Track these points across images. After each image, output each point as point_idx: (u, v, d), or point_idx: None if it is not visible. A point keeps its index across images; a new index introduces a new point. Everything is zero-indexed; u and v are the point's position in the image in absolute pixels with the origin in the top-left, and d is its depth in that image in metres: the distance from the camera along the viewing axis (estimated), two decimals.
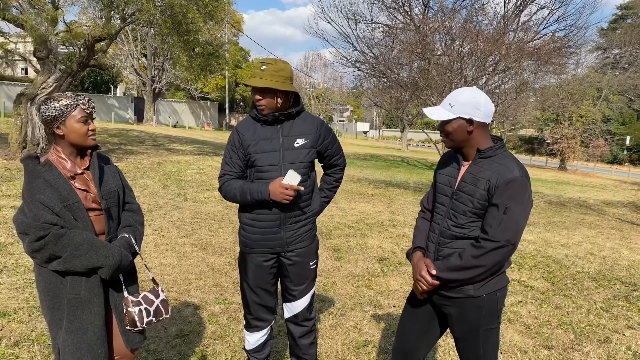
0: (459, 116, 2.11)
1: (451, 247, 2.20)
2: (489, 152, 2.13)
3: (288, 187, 2.50)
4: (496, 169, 2.07)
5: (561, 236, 8.69)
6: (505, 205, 2.02)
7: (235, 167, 2.68)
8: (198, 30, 13.78)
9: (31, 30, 10.35)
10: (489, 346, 2.24)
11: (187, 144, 19.82)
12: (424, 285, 2.22)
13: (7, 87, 29.57)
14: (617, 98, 43.15)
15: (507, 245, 2.03)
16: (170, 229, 6.96)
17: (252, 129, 2.66)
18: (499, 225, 2.02)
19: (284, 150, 2.63)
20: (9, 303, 3.99)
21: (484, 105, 2.11)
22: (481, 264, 2.07)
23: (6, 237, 5.70)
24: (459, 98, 2.12)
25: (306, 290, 2.86)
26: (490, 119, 2.15)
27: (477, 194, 2.09)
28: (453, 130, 2.15)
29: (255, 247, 2.71)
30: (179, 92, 47.89)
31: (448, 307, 2.25)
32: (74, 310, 2.14)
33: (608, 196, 18.10)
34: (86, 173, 2.25)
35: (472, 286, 2.15)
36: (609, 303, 5.14)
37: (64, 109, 2.13)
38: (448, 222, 2.22)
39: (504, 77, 19.40)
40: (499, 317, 2.23)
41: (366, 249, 6.76)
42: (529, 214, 2.09)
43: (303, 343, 2.94)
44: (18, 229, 2.08)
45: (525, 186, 2.04)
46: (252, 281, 2.77)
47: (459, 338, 2.29)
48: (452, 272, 2.13)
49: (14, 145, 10.74)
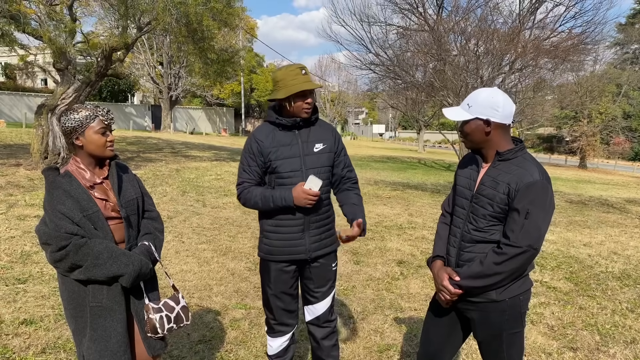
0: (476, 117, 2.10)
1: (472, 251, 2.17)
2: (508, 154, 2.10)
3: (310, 192, 2.52)
4: (516, 172, 2.03)
5: (583, 235, 8.56)
6: (526, 209, 1.98)
7: (253, 175, 2.69)
8: (213, 38, 13.88)
9: (50, 42, 10.53)
10: (513, 351, 2.20)
11: (205, 150, 19.97)
12: (447, 295, 2.20)
13: (28, 99, 30.18)
14: (638, 94, 42.40)
15: (529, 251, 2.00)
16: (190, 235, 7.02)
17: (271, 135, 2.67)
18: (521, 231, 1.99)
19: (304, 155, 2.66)
20: (35, 311, 4.06)
21: (502, 105, 2.07)
22: (503, 270, 2.04)
23: (31, 246, 5.80)
24: (477, 98, 2.10)
25: (328, 291, 2.87)
26: (510, 120, 2.12)
27: (497, 198, 2.06)
28: (471, 131, 2.14)
29: (279, 254, 2.71)
30: (195, 99, 48.35)
31: (471, 311, 2.23)
32: (97, 318, 2.17)
33: (630, 194, 17.78)
34: (105, 182, 2.28)
35: (495, 290, 2.12)
36: (635, 303, 5.05)
37: (83, 120, 2.17)
38: (468, 225, 2.19)
39: (521, 75, 19.19)
40: (522, 320, 2.19)
41: (385, 252, 6.73)
42: (551, 218, 2.05)
43: (326, 345, 2.94)
44: (40, 239, 2.12)
45: (546, 189, 2.01)
46: (275, 287, 2.77)
47: (483, 342, 2.26)
48: (474, 279, 2.10)
49: (36, 155, 10.93)
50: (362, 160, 26.64)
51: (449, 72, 17.63)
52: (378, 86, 29.70)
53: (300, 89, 2.54)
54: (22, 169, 10.63)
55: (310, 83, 2.60)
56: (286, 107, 2.64)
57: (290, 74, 2.58)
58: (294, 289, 2.83)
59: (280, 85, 2.59)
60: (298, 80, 2.56)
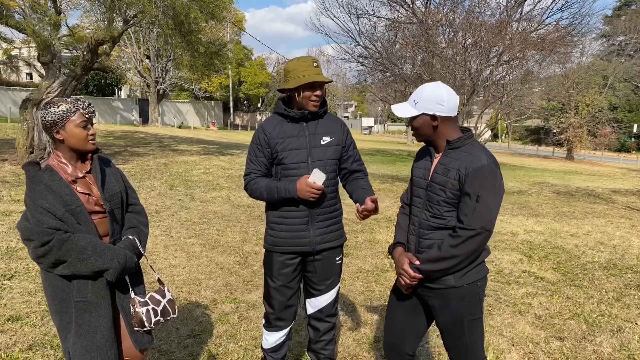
0: (422, 112, 2.18)
1: (431, 238, 2.24)
2: (457, 142, 2.18)
3: (314, 185, 2.53)
4: (465, 158, 2.12)
5: (570, 226, 8.64)
6: (477, 193, 2.06)
7: (260, 166, 2.71)
8: (200, 30, 13.78)
9: (34, 35, 10.39)
10: (474, 337, 2.26)
11: (193, 144, 19.86)
12: (407, 279, 2.25)
13: (13, 93, 29.77)
14: (623, 85, 42.78)
15: (483, 232, 2.07)
16: (179, 230, 6.98)
17: (279, 126, 2.68)
18: (473, 213, 2.07)
19: (311, 147, 2.67)
20: (21, 307, 4.01)
21: (447, 99, 2.15)
22: (459, 252, 2.11)
23: (16, 242, 5.74)
24: (422, 94, 2.18)
25: (332, 285, 2.88)
26: (455, 112, 2.20)
27: (449, 184, 2.14)
28: (419, 126, 2.23)
29: (284, 245, 2.72)
30: (183, 92, 48.02)
31: (431, 298, 2.28)
32: (82, 314, 2.15)
33: (616, 185, 17.97)
34: (88, 176, 2.25)
35: (453, 276, 2.19)
36: (621, 292, 5.11)
37: (64, 114, 2.13)
38: (426, 213, 2.27)
39: (509, 67, 19.26)
40: (481, 307, 2.26)
41: (374, 244, 6.75)
42: (501, 200, 2.14)
43: (325, 339, 2.96)
44: (22, 235, 2.09)
45: (494, 173, 2.09)
46: (277, 279, 2.78)
47: (444, 330, 2.31)
48: (433, 263, 2.17)
49: (21, 150, 10.80)
50: None
51: (437, 65, 17.66)
52: (367, 79, 29.72)
53: (310, 80, 2.55)
54: (7, 164, 10.51)
55: (321, 76, 2.61)
56: (295, 99, 2.65)
57: (302, 65, 2.59)
58: (296, 284, 2.83)
59: (291, 76, 2.60)
60: (309, 72, 2.57)
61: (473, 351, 2.27)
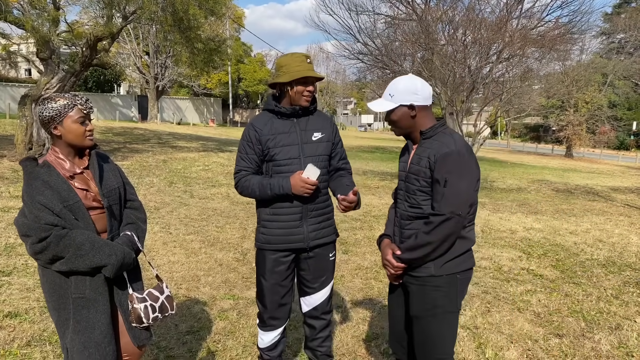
0: (400, 104, 2.23)
1: (411, 228, 2.28)
2: (429, 132, 2.24)
3: (308, 181, 2.52)
4: (434, 146, 2.18)
5: (569, 224, 8.64)
6: (444, 178, 2.11)
7: (251, 163, 2.69)
8: (199, 27, 13.75)
9: (33, 31, 10.36)
10: (444, 330, 2.27)
11: (192, 141, 19.84)
12: (391, 269, 2.31)
13: (12, 89, 29.71)
14: (623, 83, 42.74)
15: (453, 217, 2.10)
16: (178, 226, 6.97)
17: (269, 123, 2.67)
18: (442, 199, 2.12)
19: (303, 143, 2.67)
20: (20, 304, 4.01)
21: (421, 89, 2.22)
22: (433, 239, 2.14)
23: (15, 238, 5.73)
24: (397, 87, 2.24)
25: (326, 282, 2.87)
26: (430, 100, 2.27)
27: (421, 172, 2.20)
28: (398, 118, 2.27)
29: (277, 242, 2.70)
30: (182, 89, 47.94)
31: (411, 285, 2.32)
32: (80, 310, 2.14)
33: (615, 182, 17.98)
34: (86, 172, 2.24)
35: (433, 265, 2.22)
36: (619, 290, 5.11)
37: (61, 110, 2.12)
38: (405, 204, 2.32)
39: (508, 65, 19.24)
40: (457, 302, 2.27)
41: (373, 241, 6.75)
42: (473, 184, 2.16)
43: (321, 336, 2.95)
44: (20, 231, 2.08)
45: (461, 157, 2.12)
46: (270, 278, 2.76)
47: (415, 317, 2.32)
48: (411, 251, 2.21)
49: (20, 146, 10.78)
50: (350, 150, 26.66)
51: (437, 62, 17.64)
52: (366, 76, 29.63)
53: (304, 75, 2.55)
54: (5, 160, 10.49)
55: (314, 72, 2.62)
56: (286, 96, 2.64)
57: (295, 60, 2.60)
58: (289, 282, 2.81)
59: (284, 71, 2.59)
60: (302, 67, 2.57)
61: (441, 346, 2.27)
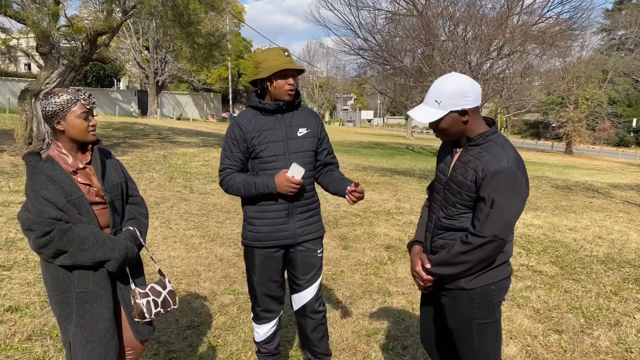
0: (450, 111, 1.99)
1: (444, 238, 2.15)
2: (479, 139, 2.03)
3: (293, 180, 2.50)
4: (484, 159, 1.97)
5: (569, 220, 8.65)
6: (491, 198, 1.92)
7: (236, 161, 2.67)
8: (200, 22, 13.71)
9: (33, 25, 10.33)
10: (484, 341, 2.16)
11: (192, 136, 19.83)
12: (420, 281, 2.21)
13: (11, 83, 29.68)
14: (623, 80, 42.71)
15: (495, 241, 1.95)
16: (178, 222, 6.98)
17: (254, 120, 2.65)
18: (486, 220, 1.94)
19: (288, 139, 2.64)
20: (20, 298, 4.02)
21: (471, 90, 1.99)
22: (469, 259, 2.00)
23: (15, 232, 5.74)
24: (444, 91, 1.99)
25: (313, 278, 2.84)
26: (480, 100, 2.04)
27: (465, 186, 2.01)
28: (448, 126, 2.04)
29: (264, 239, 2.69)
30: (182, 84, 47.90)
31: (444, 297, 2.21)
32: (83, 304, 2.15)
33: (615, 179, 17.99)
34: (88, 167, 2.25)
35: (464, 279, 2.09)
36: (619, 286, 5.12)
37: (64, 105, 2.12)
38: (440, 212, 2.17)
39: (509, 61, 19.23)
40: (495, 311, 2.15)
41: (373, 237, 6.76)
42: (521, 206, 1.99)
43: (315, 336, 2.92)
44: (23, 225, 2.08)
45: (513, 176, 1.93)
46: (260, 274, 2.76)
47: (453, 330, 2.22)
48: (442, 267, 2.09)
49: (20, 141, 10.77)
50: (350, 146, 26.65)
51: (438, 58, 17.62)
52: (366, 72, 29.63)
53: (282, 67, 2.51)
54: (5, 154, 10.48)
55: (293, 64, 2.58)
56: (269, 92, 2.62)
57: (272, 55, 2.57)
58: (280, 276, 2.81)
59: (263, 67, 2.57)
60: (280, 61, 2.54)
61: (483, 356, 2.17)
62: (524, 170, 1.99)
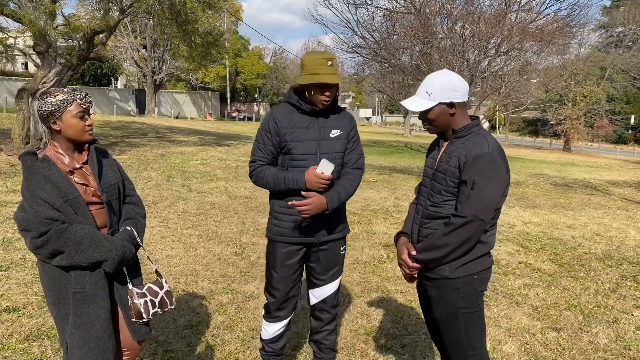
0: (439, 102, 2.15)
1: (430, 227, 2.24)
2: (462, 131, 2.17)
3: (323, 176, 2.52)
4: (467, 147, 2.11)
5: (567, 217, 8.66)
6: (472, 180, 2.05)
7: (267, 154, 2.68)
8: (197, 20, 13.69)
9: (30, 24, 10.30)
10: (471, 331, 2.23)
11: (190, 135, 19.80)
12: (406, 269, 2.27)
13: (8, 83, 29.60)
14: (621, 77, 42.73)
15: (475, 220, 2.04)
16: (176, 221, 6.97)
17: (289, 116, 2.65)
18: (467, 201, 2.06)
19: (321, 140, 2.65)
20: (18, 298, 4.01)
21: (460, 85, 2.15)
22: (451, 241, 2.09)
23: (12, 232, 5.72)
24: (434, 84, 2.16)
25: (336, 274, 2.87)
26: (467, 96, 2.20)
27: (449, 172, 2.14)
28: (436, 117, 2.19)
29: (289, 235, 2.71)
30: (179, 83, 47.84)
31: (430, 288, 2.29)
32: (80, 305, 2.14)
33: (613, 176, 18.01)
34: (85, 167, 2.23)
35: (448, 267, 2.17)
36: (617, 283, 5.13)
37: (60, 104, 2.10)
38: (427, 202, 2.27)
39: (507, 58, 19.23)
40: (479, 301, 2.23)
41: (372, 235, 6.75)
42: (500, 190, 2.09)
43: (327, 329, 2.96)
44: (20, 226, 2.07)
45: (493, 161, 2.06)
46: (280, 270, 2.76)
47: (440, 321, 2.29)
48: (427, 252, 2.18)
49: (17, 140, 10.75)
50: None
51: (435, 55, 17.61)
52: (365, 69, 29.62)
53: (319, 80, 2.49)
54: (3, 154, 10.46)
55: (333, 76, 2.53)
56: (304, 92, 2.61)
57: (316, 61, 2.52)
58: (299, 275, 2.82)
59: (304, 71, 2.55)
60: (321, 71, 2.51)
61: (470, 346, 2.24)
62: (504, 157, 2.14)
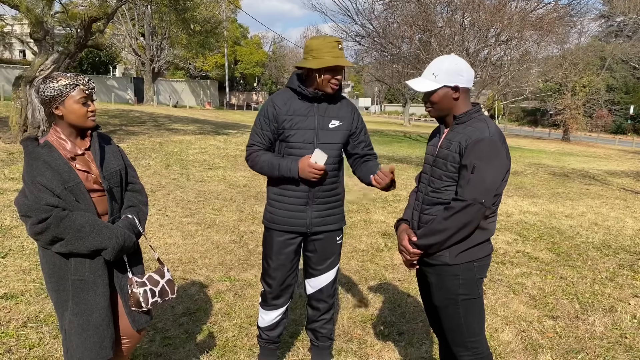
0: (444, 85, 2.16)
1: (430, 213, 2.24)
2: (463, 117, 2.18)
3: (316, 165, 2.50)
4: (467, 131, 2.12)
5: (565, 207, 8.67)
6: (472, 164, 2.05)
7: (264, 139, 2.67)
8: (196, 8, 13.62)
9: (27, 12, 10.23)
10: (470, 317, 2.24)
11: (188, 124, 19.75)
12: (407, 255, 2.27)
13: (6, 70, 29.42)
14: (621, 67, 42.57)
15: (474, 204, 2.04)
16: (174, 209, 6.97)
17: (289, 102, 2.63)
18: (467, 185, 2.06)
19: (319, 129, 2.63)
20: (16, 285, 4.01)
21: (466, 70, 2.17)
22: (451, 225, 2.09)
23: (10, 220, 5.72)
24: (441, 67, 2.17)
25: (332, 264, 2.87)
26: (472, 83, 2.21)
27: (450, 157, 2.15)
28: (439, 100, 2.19)
29: (280, 223, 2.71)
30: (178, 71, 47.60)
31: (430, 275, 2.29)
32: (79, 292, 2.14)
33: (612, 166, 18.03)
34: (87, 154, 2.21)
35: (448, 253, 2.17)
36: (614, 272, 5.15)
37: (63, 89, 2.08)
38: (428, 188, 2.28)
39: (507, 48, 19.14)
40: (478, 288, 2.24)
41: (370, 224, 6.76)
42: (501, 174, 2.09)
43: (324, 318, 2.96)
44: (20, 211, 2.06)
45: (493, 145, 2.06)
46: (276, 259, 2.76)
47: (440, 307, 2.30)
48: (428, 237, 2.17)
49: (15, 128, 10.70)
50: None
51: (435, 44, 17.54)
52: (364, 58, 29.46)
53: (335, 63, 2.48)
54: (0, 142, 10.43)
55: (345, 60, 2.56)
56: (311, 78, 2.58)
57: (327, 45, 2.51)
58: (295, 263, 2.82)
59: (314, 55, 2.52)
60: (333, 54, 2.50)
61: (469, 332, 2.25)
62: (504, 142, 2.13)
